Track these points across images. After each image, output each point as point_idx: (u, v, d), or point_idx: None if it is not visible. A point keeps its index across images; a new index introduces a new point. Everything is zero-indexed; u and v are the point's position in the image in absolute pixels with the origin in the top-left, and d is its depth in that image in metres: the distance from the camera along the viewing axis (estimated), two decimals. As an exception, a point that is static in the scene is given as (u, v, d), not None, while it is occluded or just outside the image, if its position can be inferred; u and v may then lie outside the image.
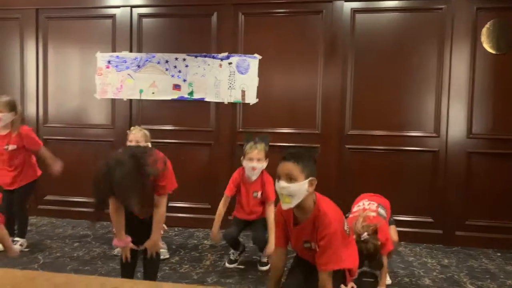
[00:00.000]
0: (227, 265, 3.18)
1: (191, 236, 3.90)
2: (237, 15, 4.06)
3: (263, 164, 3.05)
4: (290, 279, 2.19)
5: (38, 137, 4.39)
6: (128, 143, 3.12)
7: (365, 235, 2.36)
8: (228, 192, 3.16)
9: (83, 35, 4.37)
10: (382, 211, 2.76)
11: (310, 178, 1.91)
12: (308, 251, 2.05)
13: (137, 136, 3.14)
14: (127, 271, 2.40)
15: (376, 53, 3.89)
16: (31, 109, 4.41)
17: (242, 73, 4.07)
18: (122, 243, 2.31)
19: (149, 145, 3.17)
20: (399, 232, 2.99)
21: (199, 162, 4.16)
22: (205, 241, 3.75)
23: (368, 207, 2.74)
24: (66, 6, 4.33)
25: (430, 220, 3.83)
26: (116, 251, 3.34)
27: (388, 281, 2.86)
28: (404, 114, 3.85)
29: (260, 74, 4.03)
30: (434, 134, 3.80)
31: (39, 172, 3.56)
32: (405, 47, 3.83)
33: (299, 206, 1.95)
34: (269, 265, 3.09)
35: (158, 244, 2.37)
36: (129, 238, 2.32)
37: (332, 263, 1.89)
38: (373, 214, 2.63)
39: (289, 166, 1.90)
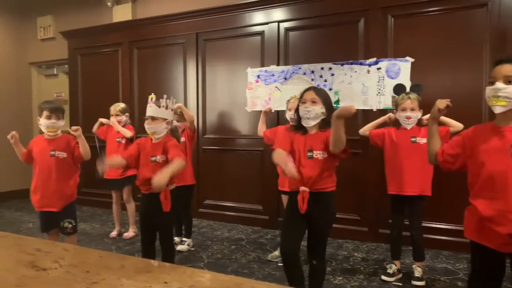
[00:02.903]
0: (383, 277, 3.03)
1: (340, 247, 3.84)
2: (386, 18, 3.90)
3: (418, 114, 2.97)
4: None
5: (198, 147, 4.94)
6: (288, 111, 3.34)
7: None
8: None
9: (234, 52, 4.73)
10: None
11: None
12: None
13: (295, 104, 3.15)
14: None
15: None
16: (192, 123, 4.94)
17: (392, 78, 3.87)
18: None
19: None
20: None
21: (347, 171, 4.06)
22: (356, 253, 3.65)
23: None
24: (220, 28, 4.76)
25: None
26: (270, 256, 3.49)
27: None
28: None
29: (412, 78, 3.76)
30: None
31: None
32: None
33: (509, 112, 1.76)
34: (424, 281, 2.91)
35: None
36: None
37: None
38: None
39: (508, 68, 1.74)
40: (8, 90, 6.25)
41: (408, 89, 3.20)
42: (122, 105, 4.16)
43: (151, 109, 2.61)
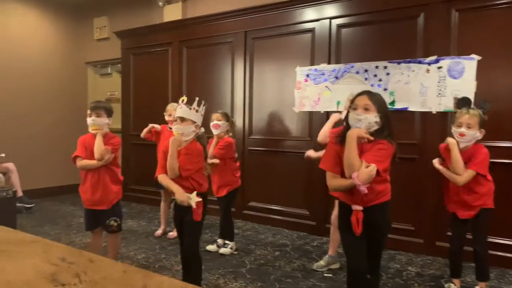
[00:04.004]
0: (441, 300, 2.75)
1: (393, 259, 3.58)
2: (450, 12, 3.57)
3: (475, 132, 2.60)
4: None
5: (244, 148, 4.84)
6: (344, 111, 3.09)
7: None
8: None
9: (283, 51, 4.57)
10: None
11: None
12: None
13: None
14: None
15: None
16: (238, 123, 4.83)
17: (454, 78, 3.55)
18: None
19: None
20: None
21: (401, 178, 3.75)
22: (409, 267, 3.37)
23: None
24: (269, 26, 4.63)
25: None
26: (315, 266, 3.31)
27: None
28: None
29: (478, 78, 3.43)
30: None
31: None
32: None
33: None
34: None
35: None
36: None
37: None
38: None
39: None
40: (66, 88, 6.53)
41: (473, 105, 2.84)
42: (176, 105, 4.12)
43: (181, 110, 2.55)
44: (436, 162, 2.82)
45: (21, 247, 1.21)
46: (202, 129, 2.67)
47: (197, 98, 2.57)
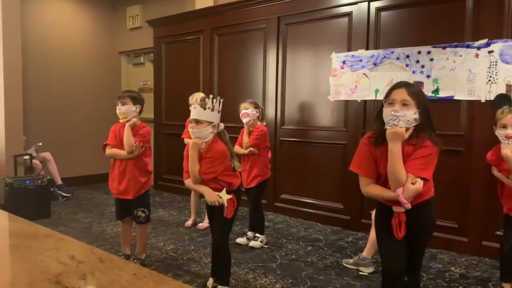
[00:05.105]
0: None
1: (434, 258, 3.34)
2: (504, -10, 3.24)
3: None
4: None
5: (275, 139, 4.69)
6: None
7: None
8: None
9: (318, 37, 4.36)
10: None
11: None
12: None
13: None
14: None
15: None
16: (270, 112, 4.68)
17: (507, 63, 3.23)
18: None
19: None
20: None
21: (446, 172, 3.49)
22: (452, 268, 3.13)
23: None
24: (304, 10, 4.42)
25: None
26: (344, 261, 3.13)
27: None
28: None
29: (535, 63, 3.11)
30: None
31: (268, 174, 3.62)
32: None
33: None
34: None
35: None
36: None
37: None
38: None
39: None
40: (101, 78, 6.60)
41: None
42: (202, 94, 4.01)
43: (195, 111, 2.38)
44: (495, 170, 2.56)
45: (32, 242, 1.13)
46: (222, 125, 2.52)
47: (211, 96, 2.43)
